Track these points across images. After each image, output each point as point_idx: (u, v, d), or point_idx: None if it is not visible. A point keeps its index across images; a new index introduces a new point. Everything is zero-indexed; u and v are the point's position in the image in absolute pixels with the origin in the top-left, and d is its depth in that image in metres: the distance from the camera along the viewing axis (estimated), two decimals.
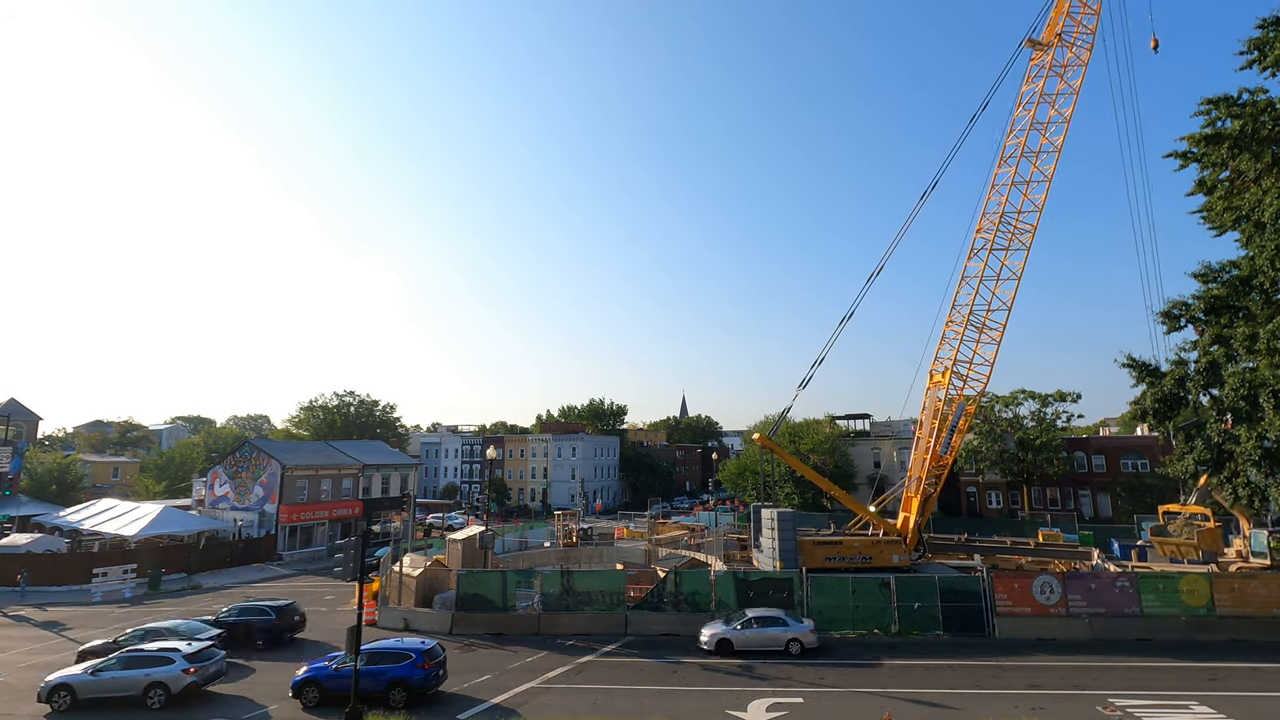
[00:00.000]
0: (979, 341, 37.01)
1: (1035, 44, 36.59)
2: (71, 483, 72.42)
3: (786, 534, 36.64)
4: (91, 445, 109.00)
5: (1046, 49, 36.22)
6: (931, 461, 38.01)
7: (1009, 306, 36.68)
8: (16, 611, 36.77)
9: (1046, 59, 36.16)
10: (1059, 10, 36.24)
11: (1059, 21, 36.13)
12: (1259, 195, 31.05)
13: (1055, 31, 36.11)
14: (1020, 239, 36.35)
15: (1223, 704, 20.40)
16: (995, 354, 36.97)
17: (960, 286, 37.38)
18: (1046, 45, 36.25)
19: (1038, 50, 36.60)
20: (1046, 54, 36.19)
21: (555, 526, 56.92)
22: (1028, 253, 36.42)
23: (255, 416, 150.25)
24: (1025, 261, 36.43)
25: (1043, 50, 36.39)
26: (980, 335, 36.94)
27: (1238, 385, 30.36)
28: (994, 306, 36.70)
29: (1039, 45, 36.49)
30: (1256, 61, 31.91)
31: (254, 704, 21.99)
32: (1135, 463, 64.10)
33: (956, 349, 37.13)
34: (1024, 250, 36.35)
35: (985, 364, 37.14)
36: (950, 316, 37.71)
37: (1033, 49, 36.77)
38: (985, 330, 36.87)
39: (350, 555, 21.07)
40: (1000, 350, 37.07)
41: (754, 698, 21.42)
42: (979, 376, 37.46)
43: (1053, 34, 36.19)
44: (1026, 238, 36.31)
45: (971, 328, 36.93)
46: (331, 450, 66.27)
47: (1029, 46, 36.73)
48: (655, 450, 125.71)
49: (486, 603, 31.50)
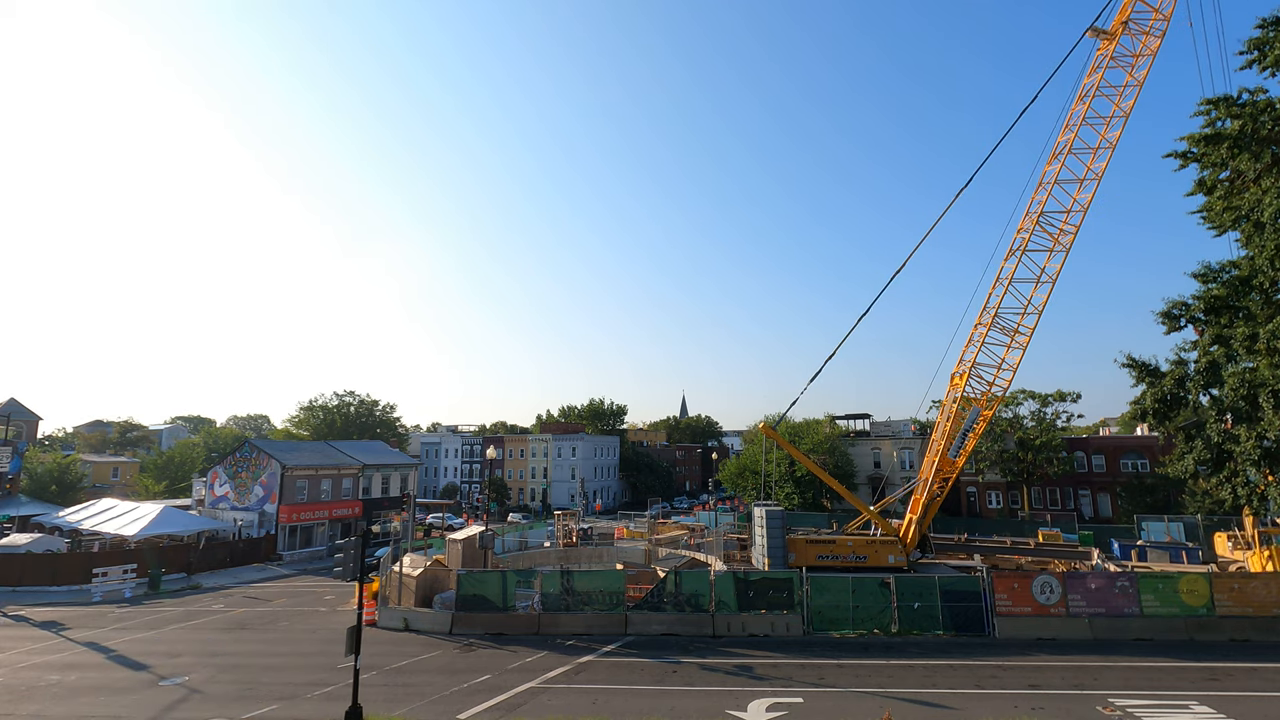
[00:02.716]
0: (1008, 346, 36.34)
1: (1100, 33, 34.42)
2: (71, 483, 72.39)
3: (774, 532, 36.60)
4: (91, 445, 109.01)
5: (1112, 38, 34.11)
6: (942, 464, 37.85)
7: (1040, 311, 35.79)
8: (16, 611, 36.77)
9: (1109, 49, 34.08)
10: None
11: (1129, 7, 33.82)
12: (1259, 195, 31.05)
13: (1123, 19, 33.94)
14: (1062, 241, 35.23)
15: (1223, 704, 20.39)
16: (1020, 360, 36.29)
17: (993, 287, 36.52)
18: (1112, 34, 34.17)
19: (1104, 39, 34.45)
20: (1112, 43, 34.08)
21: (555, 526, 56.94)
22: (1066, 255, 35.34)
23: (255, 416, 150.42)
24: (1062, 265, 35.42)
25: (1109, 39, 34.27)
26: (1011, 340, 36.19)
27: (1238, 385, 30.36)
28: (1026, 310, 35.90)
29: (1104, 34, 34.35)
30: (1256, 61, 31.94)
31: None
32: (1135, 463, 64.09)
33: (978, 351, 36.67)
34: (1064, 252, 35.24)
35: (1010, 369, 36.53)
36: (979, 319, 37.00)
37: (1098, 38, 34.63)
38: (1015, 335, 36.12)
39: (350, 555, 21.07)
40: (1024, 356, 36.50)
41: (754, 697, 21.42)
42: (1001, 382, 36.90)
43: (1120, 21, 34.06)
44: (1068, 239, 35.15)
45: (1000, 331, 36.31)
46: (331, 450, 66.25)
47: (1093, 36, 34.61)
48: (655, 450, 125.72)
49: (486, 603, 31.50)
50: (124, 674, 25.36)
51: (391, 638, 30.05)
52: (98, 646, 29.34)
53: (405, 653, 27.56)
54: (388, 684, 23.63)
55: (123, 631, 32.17)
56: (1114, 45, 34.23)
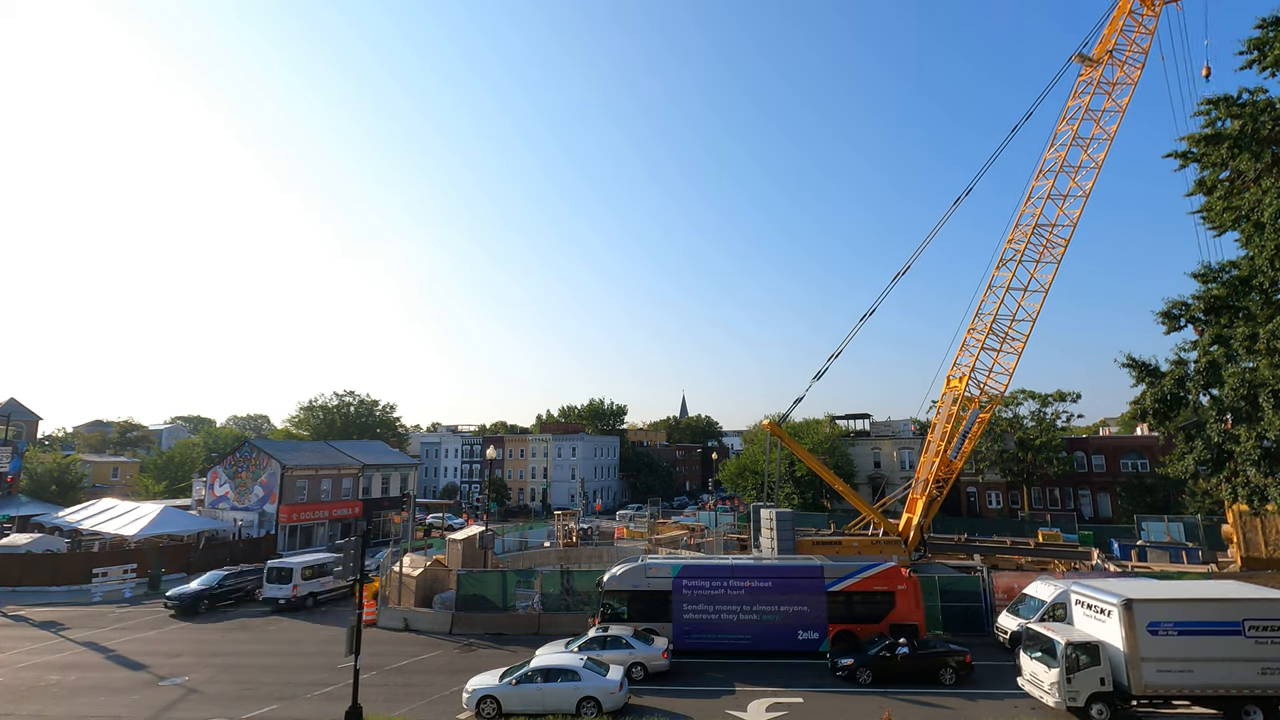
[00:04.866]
0: (1001, 351, 36.93)
1: (1085, 59, 35.91)
2: (71, 483, 72.31)
3: (785, 534, 36.72)
4: (91, 445, 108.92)
5: (1097, 65, 35.52)
6: (941, 466, 38.01)
7: (1033, 318, 36.48)
8: (16, 611, 36.74)
9: (1095, 75, 35.45)
10: (1113, 28, 35.53)
11: (1111, 39, 35.44)
12: (1259, 195, 31.02)
13: (1107, 49, 35.41)
14: (1052, 252, 36.03)
15: None
16: (1015, 364, 36.95)
17: (986, 295, 37.16)
18: (1097, 61, 35.56)
19: (1088, 66, 35.91)
20: (1096, 70, 35.49)
21: (555, 526, 56.91)
22: (1058, 266, 36.09)
23: (255, 416, 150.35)
24: (1054, 275, 36.14)
25: (1092, 66, 35.69)
26: (1003, 345, 36.84)
27: (1237, 385, 30.33)
28: (1019, 317, 36.55)
29: (1089, 61, 35.80)
30: (1256, 61, 31.91)
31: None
32: (1135, 463, 64.08)
33: (976, 356, 37.10)
34: (1055, 264, 36.02)
35: (1005, 373, 37.15)
36: (973, 324, 37.58)
37: (1082, 64, 36.08)
38: (1008, 340, 36.74)
39: (350, 555, 21.07)
40: (1019, 360, 37.01)
41: (754, 698, 21.44)
42: (997, 385, 37.44)
43: (1104, 50, 35.49)
44: (1058, 251, 35.99)
45: (994, 336, 36.87)
46: (331, 450, 66.21)
47: (1079, 62, 36.02)
48: (655, 450, 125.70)
49: (486, 603, 31.51)
50: (124, 674, 25.35)
51: (391, 638, 30.05)
52: (97, 646, 29.33)
53: (405, 653, 27.56)
54: (388, 684, 23.65)
55: (122, 631, 32.16)
56: (1099, 73, 35.55)
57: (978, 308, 37.43)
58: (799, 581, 26.66)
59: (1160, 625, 19.50)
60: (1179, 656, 19.26)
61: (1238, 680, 19.08)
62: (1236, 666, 19.12)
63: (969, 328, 37.81)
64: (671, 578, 27.03)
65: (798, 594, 26.33)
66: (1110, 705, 19.31)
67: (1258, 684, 19.04)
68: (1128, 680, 19.17)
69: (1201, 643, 19.33)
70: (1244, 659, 19.12)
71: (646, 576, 27.21)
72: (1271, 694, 18.98)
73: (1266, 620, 19.30)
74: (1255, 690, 19.00)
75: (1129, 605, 19.56)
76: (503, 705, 20.08)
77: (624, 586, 27.13)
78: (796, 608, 26.08)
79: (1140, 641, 19.32)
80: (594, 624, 27.13)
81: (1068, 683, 19.34)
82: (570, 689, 20.20)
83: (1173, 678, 19.17)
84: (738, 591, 26.66)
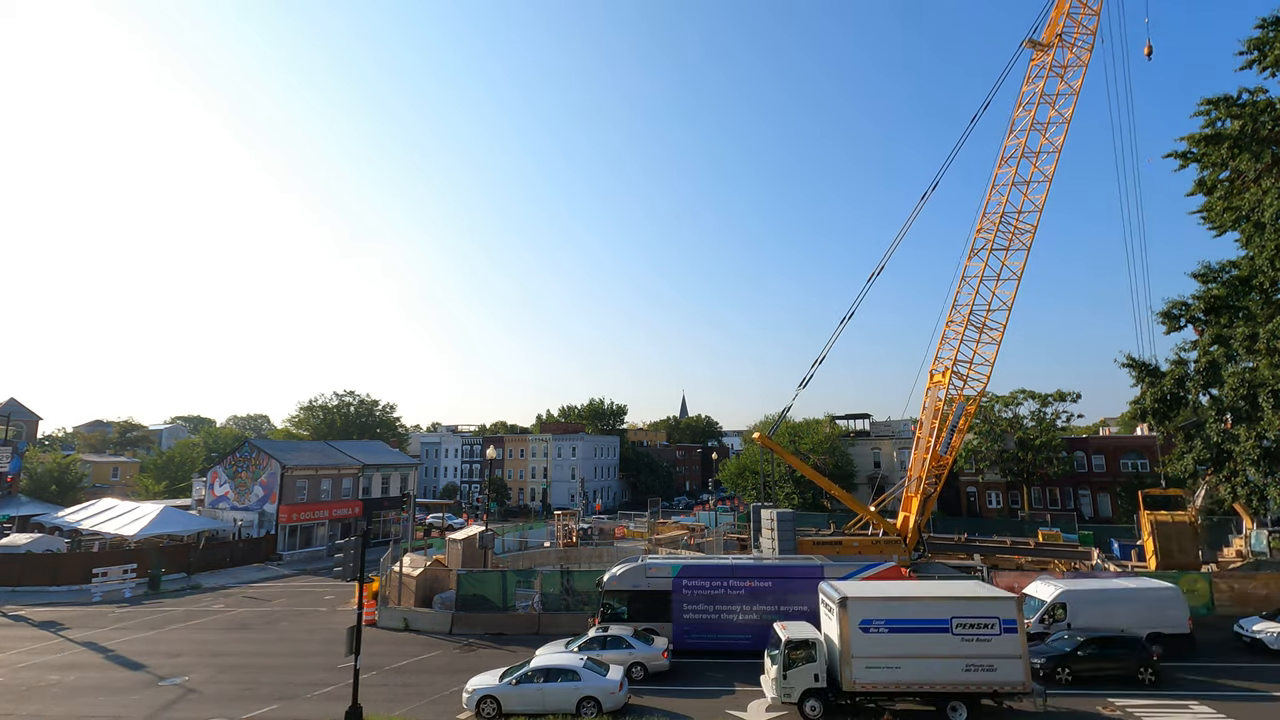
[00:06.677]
0: (979, 341, 37.00)
1: (1035, 44, 36.37)
2: (71, 483, 72.30)
3: (786, 534, 36.71)
4: (91, 445, 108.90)
5: (1047, 49, 35.99)
6: (932, 461, 38.06)
7: (1009, 306, 36.63)
8: (16, 611, 36.76)
9: (1047, 59, 35.90)
10: (1059, 10, 36.03)
11: (1059, 22, 35.90)
12: (1259, 195, 31.07)
13: (1056, 32, 35.88)
14: (1020, 239, 36.29)
15: (1223, 704, 20.43)
16: (995, 354, 36.96)
17: (960, 286, 37.32)
18: (1047, 46, 36.03)
19: (1038, 51, 36.35)
20: (1047, 54, 35.94)
21: (555, 526, 56.90)
22: (1028, 253, 36.37)
23: (255, 416, 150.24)
24: (1025, 261, 36.39)
25: (1043, 51, 36.14)
26: (981, 335, 36.92)
27: (1237, 385, 30.38)
28: (994, 306, 36.65)
29: (1039, 46, 36.28)
30: (1256, 61, 31.96)
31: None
32: (1135, 463, 64.07)
33: (957, 349, 37.13)
34: (1024, 250, 36.29)
35: (985, 364, 37.16)
36: (950, 316, 37.67)
37: (1033, 49, 36.53)
38: (986, 330, 36.85)
39: (350, 555, 21.07)
40: (1000, 351, 37.08)
41: (754, 697, 21.43)
42: (979, 376, 37.47)
43: (1053, 34, 35.97)
44: (1027, 238, 36.25)
45: (972, 328, 36.92)
46: (331, 450, 66.20)
47: (1029, 47, 36.49)
48: (655, 450, 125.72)
49: (486, 603, 31.50)
50: (124, 674, 25.36)
51: (391, 638, 30.05)
52: (97, 646, 29.34)
53: (405, 653, 27.56)
54: (388, 684, 23.64)
55: (122, 631, 32.17)
56: (1050, 56, 35.84)
57: (954, 299, 37.58)
58: (799, 582, 26.65)
59: (872, 623, 19.69)
60: (887, 654, 19.42)
61: (943, 677, 19.23)
62: (943, 664, 19.28)
63: (947, 320, 37.93)
64: (671, 578, 27.05)
65: (798, 594, 26.31)
66: (824, 701, 19.53)
67: (961, 680, 19.20)
68: (840, 677, 19.44)
69: (911, 640, 19.51)
70: (950, 656, 19.28)
71: (646, 576, 27.23)
72: (974, 690, 19.20)
73: (972, 618, 19.49)
74: (959, 687, 19.19)
75: (844, 603, 19.89)
76: (503, 705, 20.08)
77: (624, 586, 27.14)
78: (797, 608, 26.06)
79: (853, 638, 19.56)
80: (594, 624, 27.12)
81: (784, 678, 19.65)
82: (570, 689, 20.19)
83: (881, 674, 19.33)
84: (738, 591, 26.68)
